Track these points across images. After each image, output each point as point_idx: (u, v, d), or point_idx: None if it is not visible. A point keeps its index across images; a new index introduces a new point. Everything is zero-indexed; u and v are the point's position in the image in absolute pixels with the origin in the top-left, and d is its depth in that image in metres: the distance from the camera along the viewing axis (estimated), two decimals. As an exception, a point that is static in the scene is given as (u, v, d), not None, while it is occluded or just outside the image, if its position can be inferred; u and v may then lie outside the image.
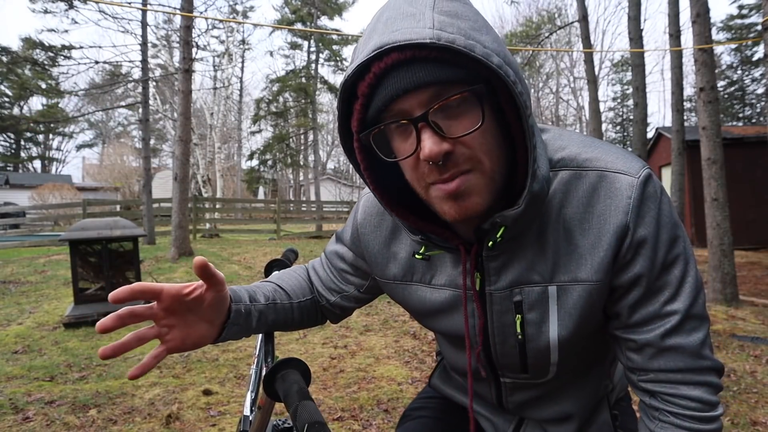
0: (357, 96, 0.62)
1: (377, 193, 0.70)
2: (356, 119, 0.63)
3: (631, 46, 9.59)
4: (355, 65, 0.59)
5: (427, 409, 1.01)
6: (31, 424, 2.64)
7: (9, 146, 37.52)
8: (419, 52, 0.56)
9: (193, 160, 17.56)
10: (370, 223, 0.84)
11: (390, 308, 5.21)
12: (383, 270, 0.84)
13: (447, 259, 0.76)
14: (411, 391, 3.08)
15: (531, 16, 27.75)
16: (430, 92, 0.58)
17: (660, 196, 0.67)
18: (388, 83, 0.58)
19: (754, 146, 11.18)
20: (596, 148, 0.70)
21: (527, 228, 0.69)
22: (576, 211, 0.68)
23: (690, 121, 21.96)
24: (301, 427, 0.54)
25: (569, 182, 0.68)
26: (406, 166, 0.65)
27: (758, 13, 25.05)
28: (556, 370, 0.77)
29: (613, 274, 0.69)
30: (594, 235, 0.67)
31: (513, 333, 0.74)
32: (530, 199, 0.63)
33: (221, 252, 9.60)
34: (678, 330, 0.68)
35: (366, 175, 0.69)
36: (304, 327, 0.94)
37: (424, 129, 0.59)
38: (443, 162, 0.60)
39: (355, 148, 0.66)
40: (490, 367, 0.82)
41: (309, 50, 23.79)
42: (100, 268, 4.98)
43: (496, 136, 0.63)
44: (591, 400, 0.86)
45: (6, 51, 15.21)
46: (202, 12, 12.37)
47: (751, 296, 6.26)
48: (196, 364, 3.54)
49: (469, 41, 0.56)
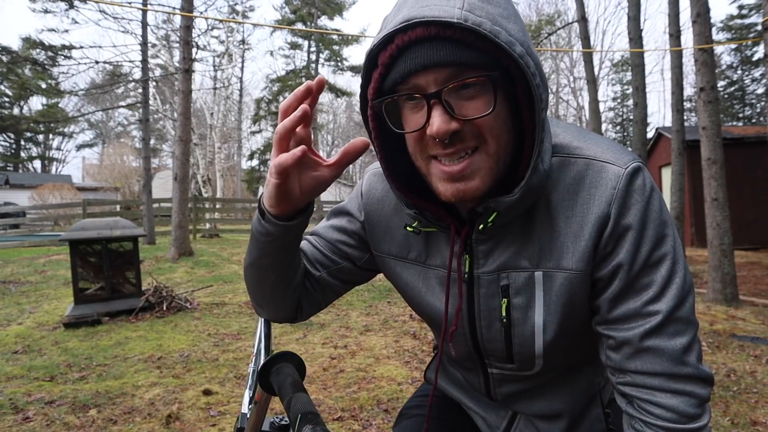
0: (377, 65, 0.63)
1: (383, 164, 0.71)
2: (372, 87, 0.64)
3: (631, 46, 9.59)
4: (381, 35, 0.61)
5: (423, 408, 1.00)
6: (31, 424, 2.64)
7: (9, 146, 37.53)
8: (444, 31, 0.57)
9: (193, 160, 17.56)
10: (374, 197, 0.85)
11: (390, 308, 5.21)
12: (380, 243, 0.84)
13: (441, 240, 0.77)
14: (411, 391, 3.08)
15: (531, 17, 27.75)
16: (447, 72, 0.59)
17: (649, 191, 0.66)
18: (408, 57, 0.59)
19: (754, 146, 11.18)
20: (589, 139, 0.71)
21: (518, 215, 0.69)
22: (561, 199, 0.68)
23: (690, 121, 21.96)
24: (294, 418, 0.55)
25: (558, 169, 0.69)
26: (411, 138, 0.66)
27: (758, 13, 25.06)
28: (542, 363, 0.77)
29: (595, 264, 0.68)
30: (577, 223, 0.67)
31: (499, 317, 0.75)
32: (526, 190, 0.64)
33: (221, 252, 9.60)
34: (659, 331, 0.65)
35: (376, 144, 0.70)
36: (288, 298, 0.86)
37: (436, 106, 0.60)
38: (449, 140, 0.61)
39: (368, 115, 0.68)
40: (477, 355, 0.82)
41: (309, 50, 23.80)
42: (100, 268, 4.98)
43: (506, 125, 0.63)
44: (581, 398, 0.85)
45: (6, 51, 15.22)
46: (202, 12, 12.37)
47: (751, 296, 6.26)
48: (196, 364, 3.54)
49: (495, 27, 0.57)
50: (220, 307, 5.37)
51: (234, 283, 6.74)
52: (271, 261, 0.79)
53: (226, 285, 6.64)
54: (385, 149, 0.71)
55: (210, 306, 5.41)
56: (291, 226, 0.74)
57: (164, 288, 5.33)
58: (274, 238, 0.75)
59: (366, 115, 0.69)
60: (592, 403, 0.86)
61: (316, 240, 0.90)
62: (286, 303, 0.86)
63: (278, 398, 0.64)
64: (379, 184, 0.85)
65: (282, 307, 0.86)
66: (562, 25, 21.25)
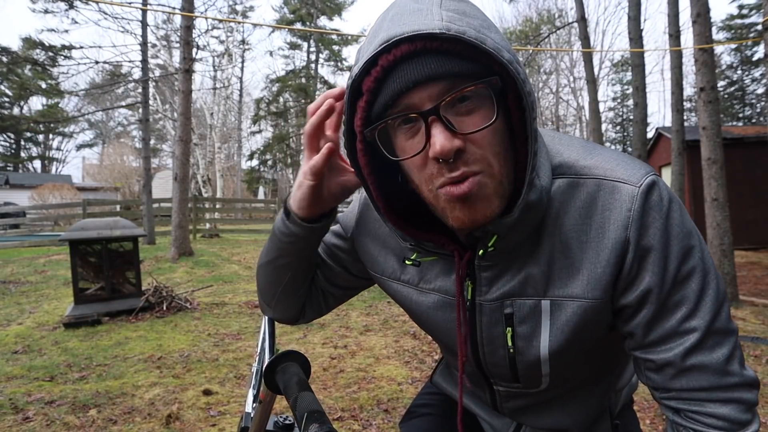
0: (362, 93, 0.59)
1: (380, 202, 0.67)
2: (360, 117, 0.60)
3: (631, 46, 9.59)
4: (362, 61, 0.57)
5: (431, 407, 1.00)
6: (31, 424, 2.64)
7: (9, 146, 37.51)
8: (430, 44, 0.54)
9: (193, 160, 17.56)
10: (366, 227, 0.83)
11: (390, 308, 5.21)
12: (374, 264, 0.83)
13: (439, 264, 0.74)
14: (411, 391, 3.08)
15: (531, 16, 27.76)
16: (441, 86, 0.56)
17: (668, 205, 0.62)
18: (396, 76, 0.56)
19: (754, 146, 11.18)
20: (596, 154, 0.66)
21: (523, 239, 0.65)
22: (574, 223, 0.64)
23: (690, 121, 21.96)
24: (300, 417, 0.55)
25: (566, 191, 0.64)
26: (412, 166, 0.61)
27: (758, 13, 25.07)
28: (548, 381, 0.75)
29: (619, 292, 0.65)
30: (592, 249, 0.63)
31: (503, 345, 0.72)
32: (525, 208, 0.61)
33: (221, 252, 9.60)
34: (699, 348, 0.62)
35: (370, 181, 0.66)
36: (297, 298, 0.87)
37: (435, 123, 0.56)
38: (453, 160, 0.57)
39: (358, 150, 0.63)
40: (482, 375, 0.81)
41: (309, 50, 23.80)
42: (100, 268, 4.98)
43: (504, 139, 0.60)
44: (591, 414, 0.83)
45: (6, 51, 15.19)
46: (202, 12, 12.36)
47: (751, 296, 6.26)
48: (196, 364, 3.54)
49: (480, 35, 0.55)
50: (220, 307, 5.37)
51: (234, 283, 6.74)
52: (289, 261, 0.80)
53: (226, 285, 6.64)
54: (377, 184, 0.67)
55: (210, 306, 5.41)
56: (315, 228, 0.75)
57: (164, 288, 5.33)
58: (297, 239, 0.76)
59: (354, 151, 0.64)
60: (602, 417, 0.85)
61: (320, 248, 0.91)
62: (295, 303, 0.87)
63: (280, 398, 0.64)
64: (376, 222, 0.81)
65: (289, 306, 0.87)
66: (562, 25, 21.24)
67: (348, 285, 0.91)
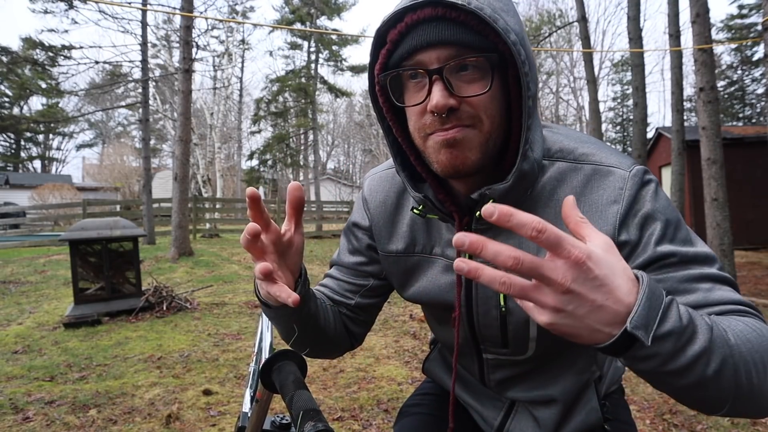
0: (386, 42, 0.68)
1: (398, 133, 0.74)
2: (380, 63, 0.69)
3: (631, 46, 9.59)
4: (392, 12, 0.66)
5: (423, 406, 1.03)
6: (31, 424, 2.64)
7: (9, 146, 37.51)
8: (450, 12, 0.62)
9: (193, 160, 17.57)
10: (376, 199, 0.88)
11: (390, 308, 5.21)
12: (386, 244, 0.87)
13: (443, 229, 0.81)
14: (411, 391, 3.08)
15: (531, 16, 27.73)
16: (450, 51, 0.63)
17: (654, 187, 0.69)
18: (416, 34, 0.64)
19: (754, 146, 11.16)
20: (592, 145, 0.75)
21: (517, 206, 0.68)
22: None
23: (690, 121, 21.94)
24: (296, 415, 0.56)
25: (565, 172, 0.72)
26: (412, 114, 0.69)
27: (758, 13, 25.05)
28: (535, 346, 0.79)
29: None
30: None
31: (495, 305, 0.77)
32: (518, 177, 0.68)
33: (221, 252, 9.61)
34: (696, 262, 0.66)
35: (389, 118, 0.73)
36: (336, 341, 0.89)
37: (437, 82, 0.64)
38: (447, 115, 0.65)
39: (376, 91, 0.72)
40: (473, 340, 0.85)
41: (309, 50, 23.75)
42: (100, 268, 4.98)
43: (500, 107, 0.67)
44: (575, 385, 0.86)
45: (6, 51, 15.19)
46: (202, 12, 12.36)
47: (751, 296, 6.26)
48: (196, 364, 3.54)
49: (495, 14, 0.61)
50: (220, 307, 5.37)
51: (234, 283, 6.74)
52: (301, 326, 0.81)
53: (226, 285, 6.64)
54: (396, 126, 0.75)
55: (210, 306, 5.41)
56: (303, 291, 0.76)
57: (164, 288, 5.34)
58: (291, 312, 0.76)
59: (374, 93, 0.73)
60: (587, 390, 0.87)
61: (339, 270, 0.94)
62: (337, 344, 0.90)
63: (278, 398, 0.64)
64: (379, 186, 0.89)
65: (335, 348, 0.91)
66: (562, 25, 21.24)
67: (385, 291, 0.95)
